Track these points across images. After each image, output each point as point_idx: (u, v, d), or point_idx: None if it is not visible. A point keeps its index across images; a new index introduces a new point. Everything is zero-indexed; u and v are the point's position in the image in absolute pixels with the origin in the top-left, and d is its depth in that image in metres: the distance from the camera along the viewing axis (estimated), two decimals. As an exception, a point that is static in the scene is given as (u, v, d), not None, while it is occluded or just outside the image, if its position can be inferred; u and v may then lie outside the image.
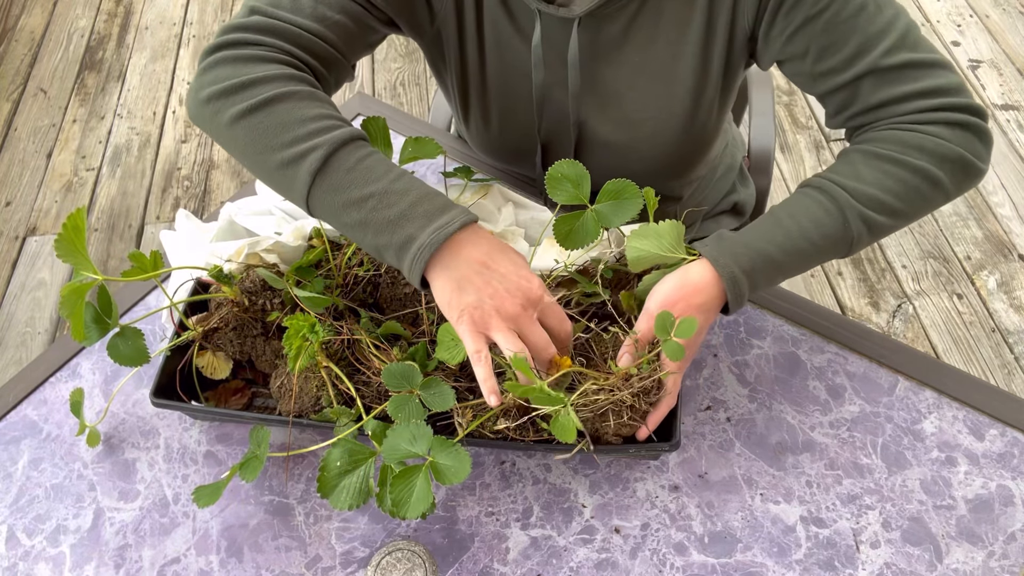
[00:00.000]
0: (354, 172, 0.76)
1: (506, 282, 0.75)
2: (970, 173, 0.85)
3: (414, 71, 2.73)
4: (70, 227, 0.74)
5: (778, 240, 0.81)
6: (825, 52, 0.85)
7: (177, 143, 2.54)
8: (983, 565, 0.84)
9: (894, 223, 0.84)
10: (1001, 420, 0.93)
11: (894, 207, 0.82)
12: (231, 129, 0.79)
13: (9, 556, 0.87)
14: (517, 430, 0.82)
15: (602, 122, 1.01)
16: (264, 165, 0.79)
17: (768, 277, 0.82)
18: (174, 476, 0.92)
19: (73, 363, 1.01)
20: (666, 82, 0.96)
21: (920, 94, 0.84)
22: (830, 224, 0.82)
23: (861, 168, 0.83)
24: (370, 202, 0.75)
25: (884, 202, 0.82)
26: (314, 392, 0.85)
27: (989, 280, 2.09)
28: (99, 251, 2.26)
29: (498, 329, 0.74)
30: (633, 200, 0.81)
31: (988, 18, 2.77)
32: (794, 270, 0.83)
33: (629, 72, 0.96)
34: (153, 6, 3.03)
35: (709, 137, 1.06)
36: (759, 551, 0.85)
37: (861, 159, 0.84)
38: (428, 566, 0.77)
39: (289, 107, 0.78)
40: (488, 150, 1.13)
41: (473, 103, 1.05)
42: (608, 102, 0.99)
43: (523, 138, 1.06)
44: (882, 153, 0.83)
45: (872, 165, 0.83)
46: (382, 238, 0.75)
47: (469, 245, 0.76)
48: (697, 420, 0.94)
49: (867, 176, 0.83)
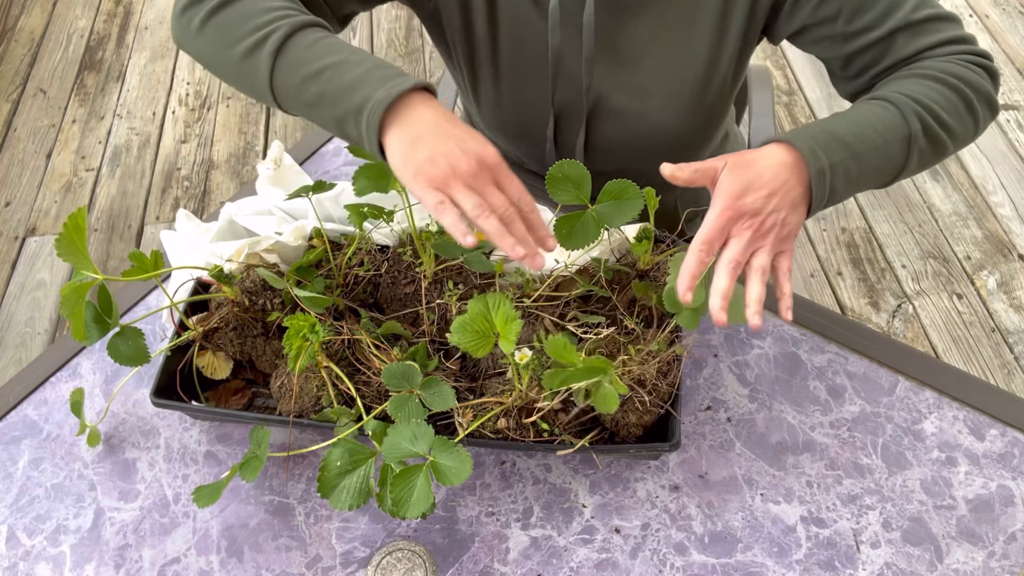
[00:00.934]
0: (313, 48, 0.77)
1: (462, 143, 0.73)
2: (994, 109, 0.90)
3: (414, 71, 2.73)
4: (71, 226, 0.74)
5: (845, 126, 0.80)
6: (858, 12, 0.88)
7: (177, 143, 2.54)
8: (983, 565, 0.84)
9: (942, 135, 0.85)
10: (1001, 420, 0.93)
11: (942, 118, 0.84)
12: (201, 33, 0.81)
13: (9, 556, 0.87)
14: (517, 430, 0.82)
15: (615, 89, 1.01)
16: (230, 61, 0.80)
17: (846, 168, 0.79)
18: (174, 476, 0.92)
19: (73, 363, 1.01)
20: (682, 51, 0.97)
21: (946, 42, 0.89)
22: (889, 118, 0.82)
23: (907, 83, 0.86)
24: (327, 72, 0.75)
25: (933, 110, 0.84)
26: (314, 392, 0.85)
27: (989, 280, 2.09)
28: (99, 251, 2.26)
29: (456, 188, 0.71)
30: (633, 200, 0.81)
31: (988, 18, 2.77)
32: (867, 163, 0.81)
33: (644, 39, 0.97)
34: (153, 6, 3.03)
35: (719, 112, 1.06)
36: (759, 551, 0.85)
37: (905, 78, 0.87)
38: (428, 566, 0.77)
39: (251, 2, 0.80)
40: (497, 124, 1.13)
41: (483, 75, 1.05)
42: (622, 68, 0.99)
43: (536, 108, 1.06)
44: (926, 73, 0.87)
45: (918, 82, 0.86)
46: (339, 107, 0.75)
47: (423, 106, 0.74)
48: (697, 420, 0.94)
49: (915, 88, 0.85)
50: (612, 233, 0.93)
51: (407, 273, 0.93)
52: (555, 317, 0.88)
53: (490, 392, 0.84)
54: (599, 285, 0.90)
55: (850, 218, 2.24)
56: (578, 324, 0.87)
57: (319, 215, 1.00)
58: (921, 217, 2.23)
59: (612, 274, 0.91)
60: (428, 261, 0.91)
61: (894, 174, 0.85)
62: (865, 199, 2.27)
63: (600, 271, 0.89)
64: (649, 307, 0.88)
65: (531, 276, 0.91)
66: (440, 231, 0.94)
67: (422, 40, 2.82)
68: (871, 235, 2.20)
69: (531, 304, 0.89)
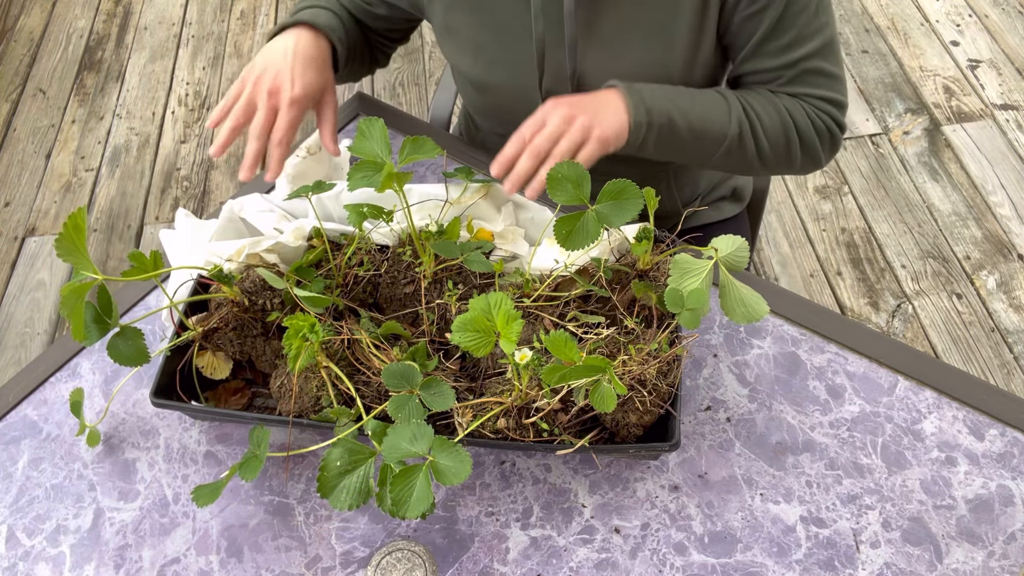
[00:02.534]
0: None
1: (282, 69, 0.98)
2: (816, 163, 1.07)
3: (414, 71, 2.73)
4: (71, 227, 0.74)
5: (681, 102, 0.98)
6: (769, 36, 1.00)
7: (176, 143, 2.54)
8: (983, 565, 0.84)
9: (752, 151, 1.02)
10: (1001, 420, 0.93)
11: (760, 139, 1.01)
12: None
13: (9, 556, 0.87)
14: (517, 430, 0.82)
15: (601, 74, 1.03)
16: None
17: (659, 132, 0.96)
18: (174, 476, 0.92)
19: (73, 363, 1.01)
20: (662, 38, 1.00)
21: (819, 98, 1.03)
22: (719, 112, 0.99)
23: (756, 97, 1.03)
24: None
25: (756, 129, 1.01)
26: (314, 392, 0.85)
27: (988, 280, 2.09)
28: (98, 251, 2.26)
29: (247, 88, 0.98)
30: (633, 200, 0.81)
31: (988, 18, 2.77)
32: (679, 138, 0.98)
33: (625, 26, 1.00)
34: (152, 6, 3.03)
35: None
36: (759, 551, 0.85)
37: (761, 92, 1.04)
38: (428, 566, 0.77)
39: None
40: (491, 110, 1.18)
41: (471, 66, 1.10)
42: (605, 54, 1.02)
43: (525, 95, 1.09)
44: (776, 103, 1.03)
45: (764, 102, 1.02)
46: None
47: (289, 36, 1.02)
48: (697, 420, 0.94)
49: (756, 104, 1.02)
50: (612, 233, 0.93)
51: (407, 273, 0.93)
52: (555, 317, 0.88)
53: (490, 392, 0.84)
54: (599, 285, 0.90)
55: (850, 218, 2.24)
56: (578, 324, 0.87)
57: (319, 215, 1.00)
58: (921, 217, 2.23)
59: (612, 274, 0.91)
60: (428, 261, 0.91)
61: (702, 159, 1.02)
62: (865, 199, 2.28)
63: (600, 271, 0.89)
64: (649, 307, 0.88)
65: (531, 276, 0.91)
66: (440, 231, 0.94)
67: (421, 40, 2.82)
68: (871, 235, 2.20)
69: (531, 304, 0.89)
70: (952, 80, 2.58)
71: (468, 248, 0.91)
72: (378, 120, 0.87)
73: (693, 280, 0.81)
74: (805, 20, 0.99)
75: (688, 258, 0.82)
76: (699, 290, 0.80)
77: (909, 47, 2.69)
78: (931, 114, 2.49)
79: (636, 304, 0.89)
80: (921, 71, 2.61)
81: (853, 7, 2.84)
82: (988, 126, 2.45)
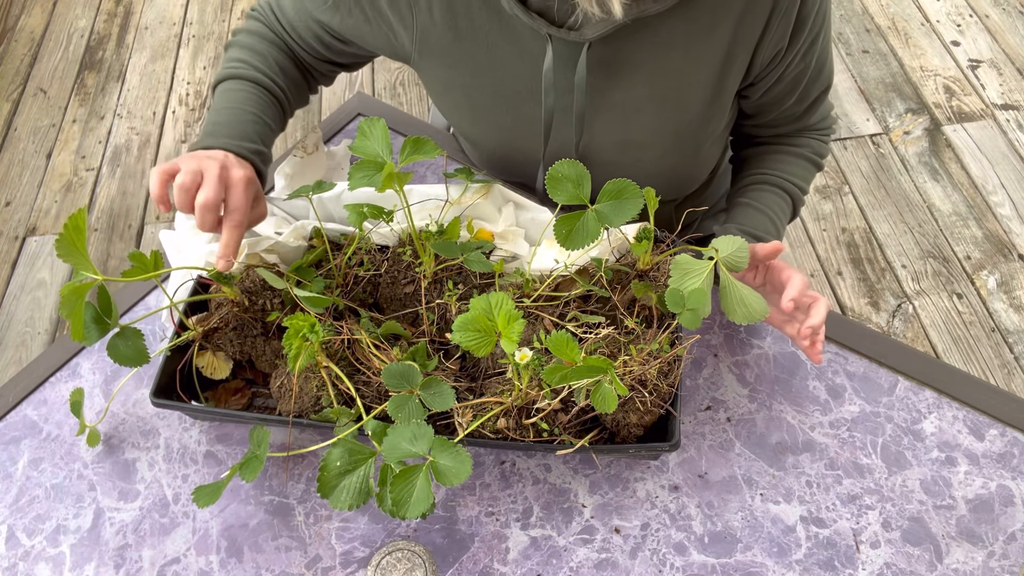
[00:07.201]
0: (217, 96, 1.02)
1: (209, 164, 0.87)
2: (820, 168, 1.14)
3: (413, 71, 2.73)
4: (71, 227, 0.74)
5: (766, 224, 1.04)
6: (789, 92, 1.02)
7: (177, 143, 2.54)
8: (983, 565, 0.84)
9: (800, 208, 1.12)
10: (1001, 420, 0.93)
11: (805, 195, 1.10)
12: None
13: (9, 556, 0.87)
14: (517, 430, 0.82)
15: (606, 145, 1.01)
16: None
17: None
18: (174, 476, 0.92)
19: (73, 363, 1.01)
20: (676, 109, 0.97)
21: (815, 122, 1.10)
22: (786, 208, 1.08)
23: (795, 168, 1.09)
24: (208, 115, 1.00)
25: (805, 190, 1.10)
26: (314, 392, 0.85)
27: (989, 280, 2.09)
28: (99, 251, 2.26)
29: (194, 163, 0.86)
30: (633, 200, 0.81)
31: (988, 18, 2.77)
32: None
33: (637, 96, 0.96)
34: (153, 6, 3.03)
35: (714, 155, 1.10)
36: (759, 551, 0.85)
37: (794, 160, 1.10)
38: (428, 566, 0.77)
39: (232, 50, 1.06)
40: (489, 162, 1.14)
41: (468, 127, 1.08)
42: (614, 125, 0.99)
43: (526, 159, 1.07)
44: (801, 153, 1.10)
45: (801, 166, 1.09)
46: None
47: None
48: (697, 420, 0.94)
49: (797, 174, 1.09)
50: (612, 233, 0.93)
51: (407, 273, 0.93)
52: (555, 317, 0.88)
53: (490, 392, 0.84)
54: (599, 285, 0.90)
55: (850, 218, 2.24)
56: (578, 324, 0.87)
57: (319, 215, 1.00)
58: (921, 217, 2.23)
59: (612, 274, 0.91)
60: (428, 261, 0.91)
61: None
62: (865, 199, 2.27)
63: (600, 271, 0.89)
64: (649, 307, 0.88)
65: (531, 276, 0.91)
66: (440, 231, 0.94)
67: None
68: (871, 235, 2.20)
69: (531, 304, 0.89)
70: (953, 80, 2.58)
71: (468, 248, 0.91)
72: (380, 120, 0.87)
73: (694, 280, 0.81)
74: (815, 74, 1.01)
75: (688, 258, 0.82)
76: (700, 290, 0.80)
77: (910, 47, 2.69)
78: (932, 114, 2.48)
79: (636, 304, 0.89)
80: (922, 71, 2.61)
81: (853, 7, 2.84)
82: (989, 126, 2.44)
